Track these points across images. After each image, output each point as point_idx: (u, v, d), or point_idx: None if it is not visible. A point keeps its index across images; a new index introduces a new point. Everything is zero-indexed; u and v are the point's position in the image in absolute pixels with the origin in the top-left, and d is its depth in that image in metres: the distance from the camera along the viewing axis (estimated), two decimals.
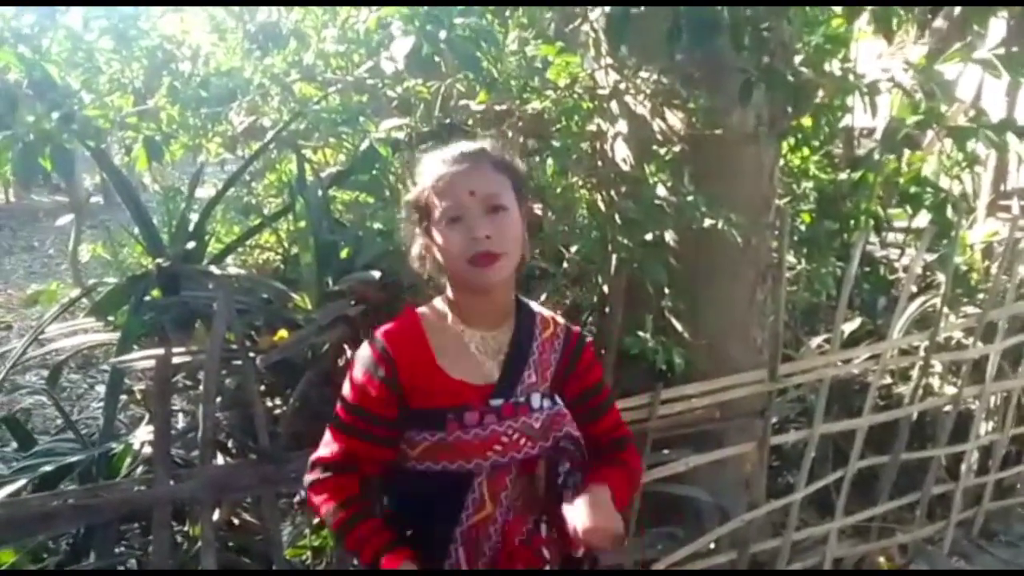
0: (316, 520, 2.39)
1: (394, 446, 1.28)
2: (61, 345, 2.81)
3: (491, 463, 1.26)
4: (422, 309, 1.35)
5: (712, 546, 2.51)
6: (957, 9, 2.96)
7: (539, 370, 1.34)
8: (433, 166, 1.29)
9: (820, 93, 2.47)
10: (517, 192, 1.29)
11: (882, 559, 2.93)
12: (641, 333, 2.32)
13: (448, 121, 2.48)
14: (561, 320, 1.42)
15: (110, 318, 2.67)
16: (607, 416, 1.44)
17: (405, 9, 2.20)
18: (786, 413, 2.86)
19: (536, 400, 1.30)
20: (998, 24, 2.86)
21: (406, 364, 1.27)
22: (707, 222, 2.23)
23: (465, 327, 1.31)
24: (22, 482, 2.13)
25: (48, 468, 2.18)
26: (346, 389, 1.31)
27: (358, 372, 1.30)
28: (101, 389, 4.23)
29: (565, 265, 2.59)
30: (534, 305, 1.41)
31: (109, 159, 2.95)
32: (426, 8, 2.14)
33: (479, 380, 1.29)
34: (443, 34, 1.98)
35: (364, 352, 1.30)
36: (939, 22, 3.14)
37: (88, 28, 3.21)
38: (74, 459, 2.23)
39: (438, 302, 1.35)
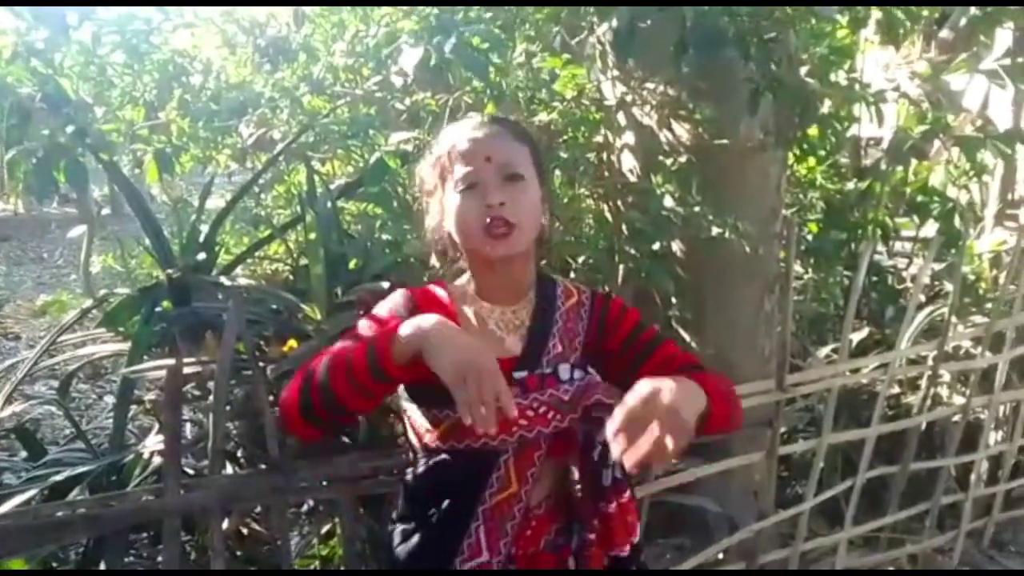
0: (325, 529, 2.39)
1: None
2: (71, 356, 2.83)
3: (518, 439, 1.21)
4: (454, 285, 1.33)
5: (720, 556, 2.50)
6: (963, 20, 2.97)
7: (565, 340, 1.29)
8: (451, 133, 1.27)
9: (827, 103, 2.48)
10: (536, 163, 1.27)
11: (892, 569, 2.91)
12: None
13: None
14: (587, 288, 1.38)
15: (121, 328, 2.68)
16: (661, 348, 1.32)
17: (414, 23, 2.22)
18: (794, 423, 2.85)
19: (565, 371, 1.25)
20: (1004, 35, 2.87)
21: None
22: (714, 232, 2.24)
23: (484, 303, 1.28)
24: (32, 492, 2.13)
25: (58, 478, 2.19)
26: (359, 322, 1.27)
27: (380, 308, 1.28)
28: (109, 400, 4.25)
29: (572, 275, 2.59)
30: (556, 277, 1.38)
31: (120, 171, 2.97)
32: (434, 19, 2.16)
33: (501, 354, 1.22)
34: (451, 44, 2.00)
35: (392, 296, 1.29)
36: (945, 33, 3.15)
37: (100, 43, 3.24)
38: (84, 469, 2.24)
39: (460, 279, 1.33)
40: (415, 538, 1.24)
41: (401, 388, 1.28)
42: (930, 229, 3.26)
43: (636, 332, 1.34)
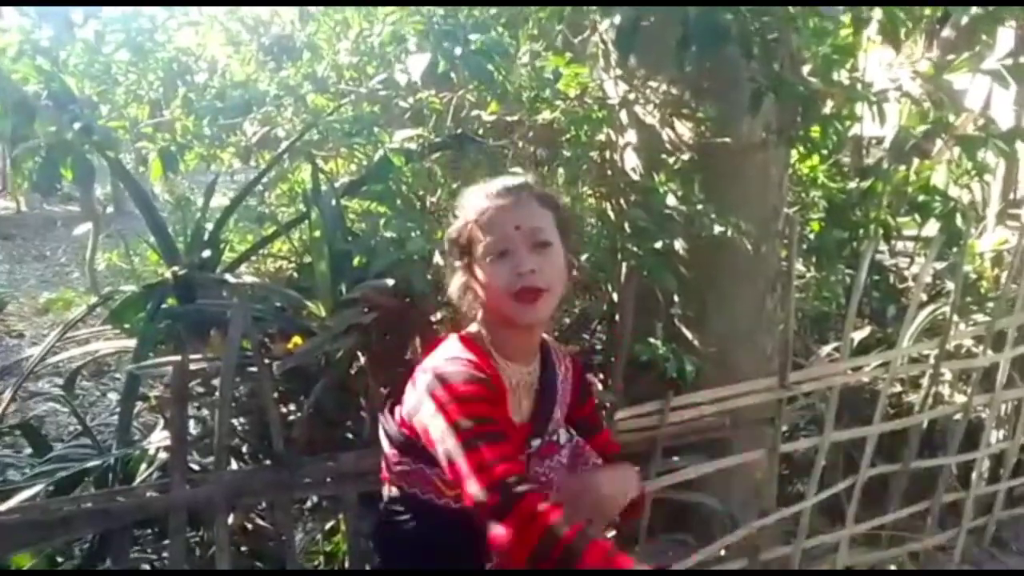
0: (329, 525, 2.40)
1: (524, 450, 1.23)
2: (76, 352, 2.84)
3: None
4: (471, 334, 1.30)
5: (722, 553, 2.51)
6: (965, 19, 2.98)
7: (562, 406, 1.35)
8: (476, 200, 1.28)
9: (829, 102, 2.49)
10: (560, 228, 1.29)
11: (893, 567, 2.92)
12: (652, 340, 2.33)
13: (460, 132, 2.51)
14: (564, 350, 1.44)
15: (126, 325, 2.69)
16: (602, 433, 1.46)
17: (419, 24, 2.23)
18: (796, 421, 2.86)
19: (562, 435, 1.31)
20: (1006, 34, 2.88)
21: (495, 377, 1.22)
22: (716, 230, 2.24)
23: (506, 361, 1.29)
24: (38, 487, 2.14)
25: (64, 473, 2.20)
26: (450, 414, 1.15)
27: (454, 392, 1.16)
28: (113, 397, 4.26)
29: (575, 274, 2.60)
30: (549, 340, 1.40)
31: (125, 169, 2.99)
32: (439, 21, 2.17)
33: (518, 419, 1.28)
34: (458, 50, 2.01)
35: (450, 369, 1.19)
36: (947, 32, 3.15)
37: (105, 41, 3.25)
38: (90, 464, 2.25)
39: (475, 334, 1.31)
40: None
41: (408, 451, 1.26)
42: (932, 228, 3.26)
43: (595, 411, 1.46)
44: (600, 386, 2.48)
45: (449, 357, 1.23)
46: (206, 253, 2.64)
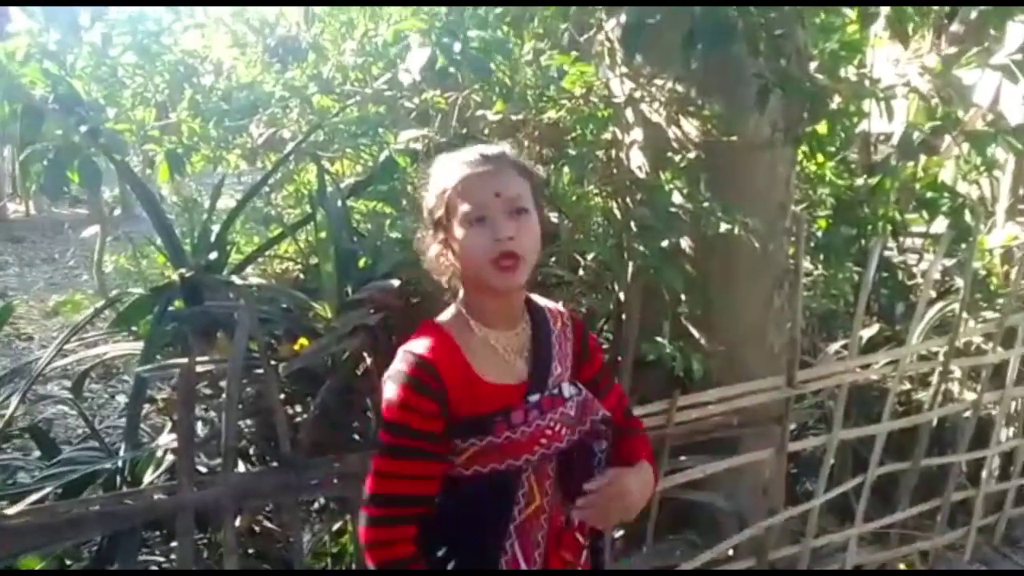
0: (336, 526, 2.40)
1: (445, 460, 1.27)
2: (84, 355, 2.85)
3: (538, 456, 1.28)
4: (442, 319, 1.34)
5: (730, 553, 2.50)
6: (973, 14, 2.96)
7: (562, 360, 1.37)
8: (454, 168, 1.28)
9: (836, 99, 2.47)
10: (536, 196, 1.31)
11: (902, 566, 2.90)
12: (658, 339, 2.32)
13: (465, 131, 2.50)
14: (562, 308, 1.44)
15: (133, 328, 2.70)
16: (613, 391, 1.48)
17: (422, 22, 2.22)
18: (804, 419, 2.85)
19: (567, 389, 1.34)
20: (1016, 29, 2.85)
21: (449, 377, 1.25)
22: (723, 228, 2.23)
23: (488, 330, 1.32)
24: (47, 490, 2.15)
25: (73, 476, 2.21)
26: (387, 411, 1.26)
27: (397, 392, 1.24)
28: (121, 399, 4.28)
29: (581, 272, 2.60)
30: (538, 299, 1.42)
31: (132, 171, 2.99)
32: (442, 20, 2.16)
33: (514, 379, 1.30)
34: (458, 47, 2.00)
35: (401, 369, 1.25)
36: (956, 27, 3.13)
37: (111, 43, 3.26)
38: (98, 467, 2.25)
39: (454, 310, 1.34)
40: (451, 565, 1.29)
41: None
42: (940, 225, 3.24)
43: (603, 370, 1.46)
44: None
45: (406, 357, 1.27)
46: (213, 255, 2.65)
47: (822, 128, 2.72)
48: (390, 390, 1.25)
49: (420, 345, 1.28)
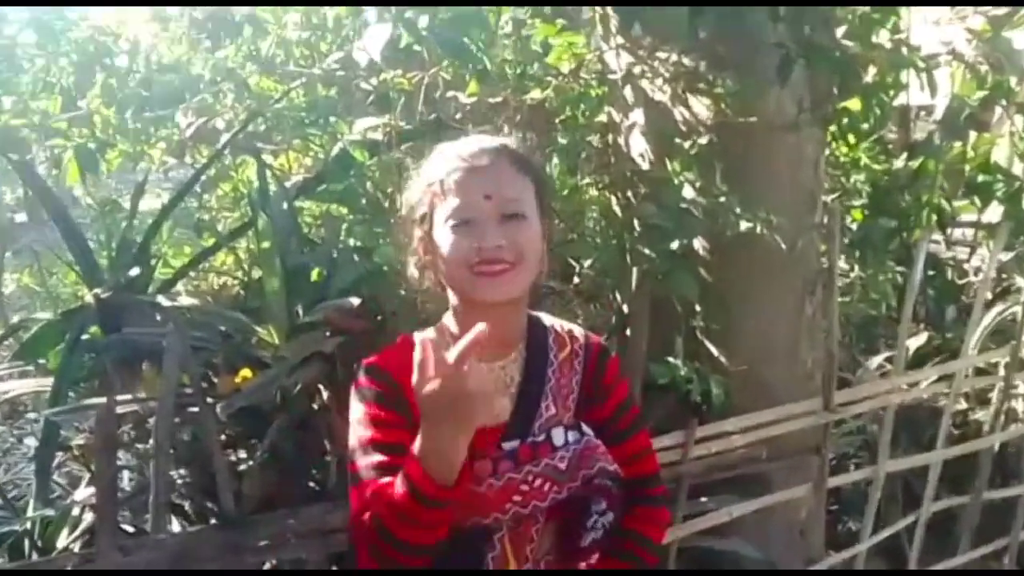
0: None
1: None
2: None
3: (512, 516, 1.26)
4: (422, 334, 1.31)
5: None
6: None
7: (559, 399, 1.34)
8: (442, 160, 1.29)
9: (870, 70, 2.49)
10: (539, 199, 1.30)
11: None
12: (670, 359, 2.32)
13: (434, 117, 2.50)
14: (580, 333, 1.42)
15: (41, 360, 2.66)
16: (631, 441, 1.43)
17: None
18: (845, 448, 2.86)
19: (559, 436, 1.30)
20: None
21: (406, 382, 1.19)
22: (743, 226, 2.24)
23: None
24: None
25: None
26: (353, 433, 1.27)
27: (359, 408, 1.27)
28: (31, 443, 4.22)
29: (576, 281, 2.60)
30: (547, 319, 1.40)
31: (35, 172, 2.96)
32: None
33: (489, 420, 1.22)
34: (424, 21, 2.00)
35: (356, 385, 1.29)
36: None
37: (6, 20, 3.23)
38: (2, 530, 2.22)
39: (439, 327, 1.33)
40: None
41: None
42: (994, 213, 3.27)
43: (620, 411, 1.42)
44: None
45: (361, 371, 1.29)
46: (135, 270, 2.62)
47: (854, 104, 2.74)
48: (354, 408, 1.27)
49: (376, 356, 1.30)
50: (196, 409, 2.06)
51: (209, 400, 2.03)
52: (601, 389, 1.39)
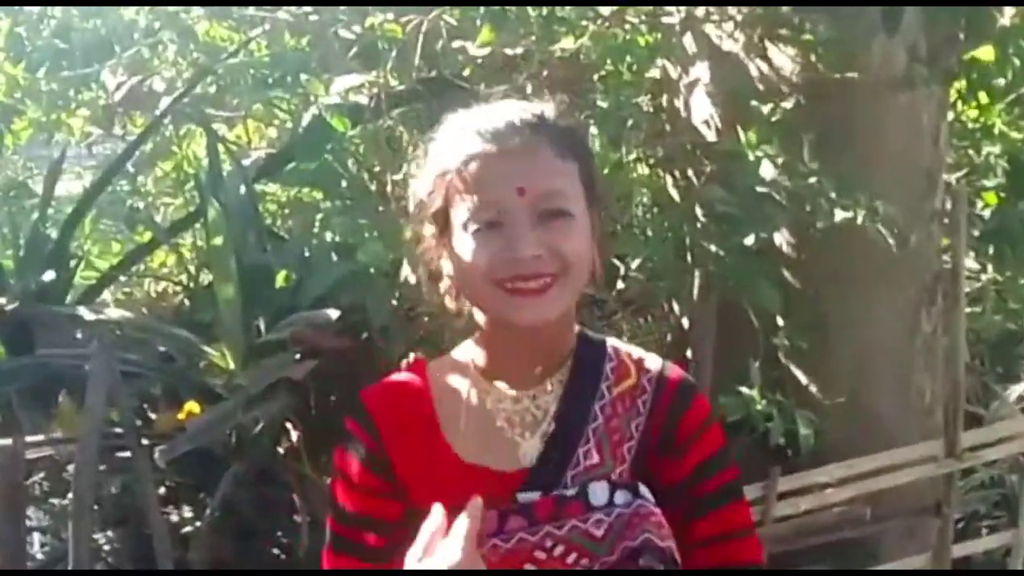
0: None
1: (392, 559, 1.26)
2: None
3: None
4: (439, 363, 1.33)
5: None
6: None
7: (607, 445, 1.29)
8: (460, 138, 1.25)
9: (1005, 11, 2.48)
10: (587, 186, 1.28)
11: None
12: (744, 389, 2.32)
13: (435, 74, 2.51)
14: (655, 363, 1.37)
15: None
16: (719, 514, 1.33)
17: None
18: (975, 506, 2.84)
19: (599, 493, 1.24)
20: None
21: (395, 436, 1.24)
22: (839, 215, 2.23)
23: (492, 384, 1.28)
24: None
25: None
26: (336, 486, 1.29)
27: (344, 459, 1.28)
28: None
29: (621, 286, 2.60)
30: (610, 342, 1.37)
31: None
32: None
33: (506, 464, 1.24)
34: None
35: (347, 428, 1.30)
36: None
37: None
38: None
39: (464, 347, 1.32)
40: None
41: None
42: None
43: (705, 471, 1.32)
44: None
45: (352, 407, 1.30)
46: (49, 274, 2.65)
47: (986, 54, 2.73)
48: (338, 455, 1.29)
49: (376, 385, 1.32)
50: (128, 454, 2.08)
51: (145, 442, 2.05)
52: (677, 439, 1.32)
